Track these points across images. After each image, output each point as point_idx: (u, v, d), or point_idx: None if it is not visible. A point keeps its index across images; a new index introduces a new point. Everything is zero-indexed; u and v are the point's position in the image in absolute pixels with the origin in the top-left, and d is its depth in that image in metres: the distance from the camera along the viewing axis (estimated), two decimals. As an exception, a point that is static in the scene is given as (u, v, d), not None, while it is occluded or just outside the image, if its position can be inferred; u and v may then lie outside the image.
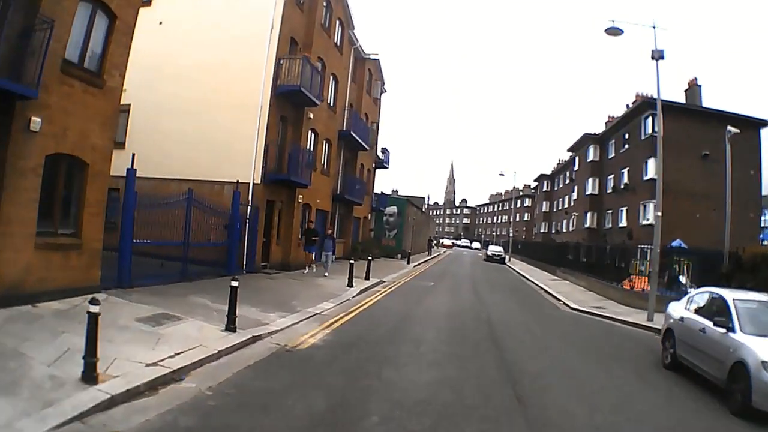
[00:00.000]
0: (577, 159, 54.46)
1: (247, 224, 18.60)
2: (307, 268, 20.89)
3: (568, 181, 61.51)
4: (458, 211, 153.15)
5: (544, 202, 73.28)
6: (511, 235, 58.89)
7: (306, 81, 19.56)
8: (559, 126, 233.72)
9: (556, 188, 69.65)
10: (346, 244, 31.23)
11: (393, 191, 40.37)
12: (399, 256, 37.91)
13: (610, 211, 43.37)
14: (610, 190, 43.61)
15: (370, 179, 36.15)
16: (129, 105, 18.68)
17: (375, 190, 38.88)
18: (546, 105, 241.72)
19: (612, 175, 43.41)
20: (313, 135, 22.98)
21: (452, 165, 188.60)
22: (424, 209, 64.12)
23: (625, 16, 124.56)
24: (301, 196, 21.60)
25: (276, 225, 20.61)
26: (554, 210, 69.07)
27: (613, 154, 43.84)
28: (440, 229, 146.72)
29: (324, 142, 24.74)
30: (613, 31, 16.69)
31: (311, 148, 22.59)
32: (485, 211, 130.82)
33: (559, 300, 21.11)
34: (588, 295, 22.99)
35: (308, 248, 21.12)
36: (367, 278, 20.56)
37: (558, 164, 72.04)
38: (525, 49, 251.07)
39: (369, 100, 33.20)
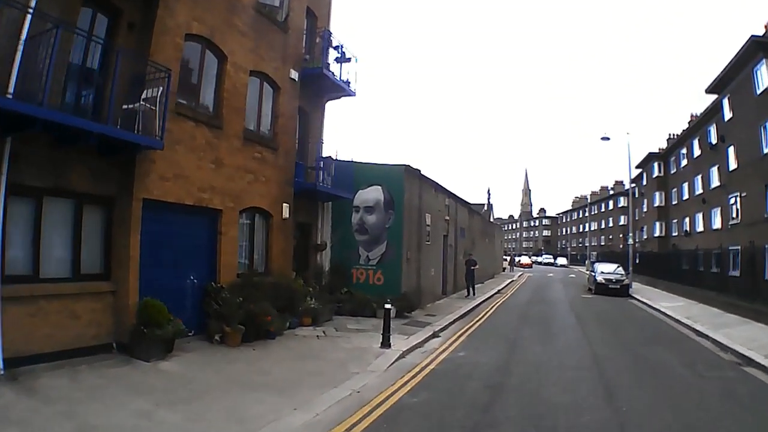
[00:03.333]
0: (726, 101, 28.31)
1: None
2: None
3: (699, 153, 35.34)
4: (536, 223, 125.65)
5: (656, 194, 46.29)
6: (630, 241, 32.59)
7: None
8: (648, 115, 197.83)
9: (673, 171, 42.91)
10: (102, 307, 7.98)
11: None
12: (392, 309, 14.06)
13: None
14: None
15: (281, 111, 12.40)
16: None
17: (326, 152, 15.15)
18: (629, 92, 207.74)
19: None
20: None
21: (526, 174, 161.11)
22: (481, 213, 38.80)
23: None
24: None
25: None
26: (674, 202, 42.39)
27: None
28: (516, 245, 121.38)
29: None
30: None
31: None
32: (568, 219, 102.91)
33: None
34: None
35: None
36: None
37: (669, 139, 45.43)
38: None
39: None
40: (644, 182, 51.69)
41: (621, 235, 69.44)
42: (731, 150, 27.93)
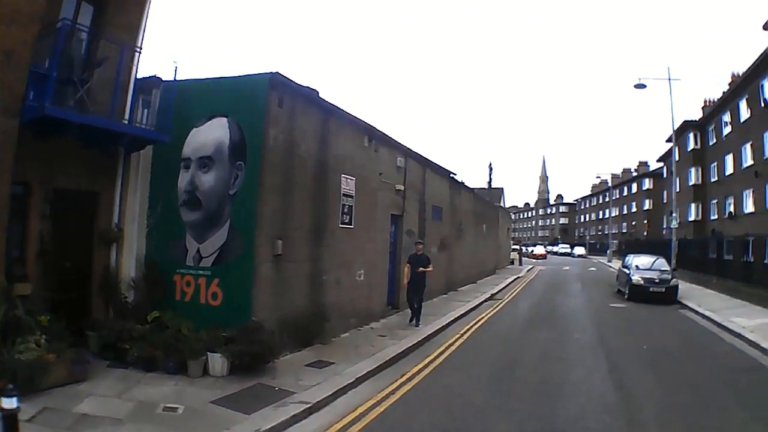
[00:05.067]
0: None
1: None
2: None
3: (748, 115, 28.67)
4: (553, 210, 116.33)
5: (692, 170, 38.66)
6: (674, 224, 24.46)
7: None
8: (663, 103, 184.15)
9: (713, 141, 35.78)
10: None
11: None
12: (222, 361, 6.57)
13: None
14: None
15: None
16: None
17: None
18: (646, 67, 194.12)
19: None
20: None
21: (544, 160, 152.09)
22: (474, 191, 30.27)
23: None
24: None
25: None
26: (713, 179, 35.30)
27: None
28: (533, 234, 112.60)
29: None
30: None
31: None
32: (586, 206, 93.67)
33: None
34: None
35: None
36: None
37: (705, 106, 37.63)
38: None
39: None
40: (679, 155, 43.38)
41: (645, 221, 60.79)
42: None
